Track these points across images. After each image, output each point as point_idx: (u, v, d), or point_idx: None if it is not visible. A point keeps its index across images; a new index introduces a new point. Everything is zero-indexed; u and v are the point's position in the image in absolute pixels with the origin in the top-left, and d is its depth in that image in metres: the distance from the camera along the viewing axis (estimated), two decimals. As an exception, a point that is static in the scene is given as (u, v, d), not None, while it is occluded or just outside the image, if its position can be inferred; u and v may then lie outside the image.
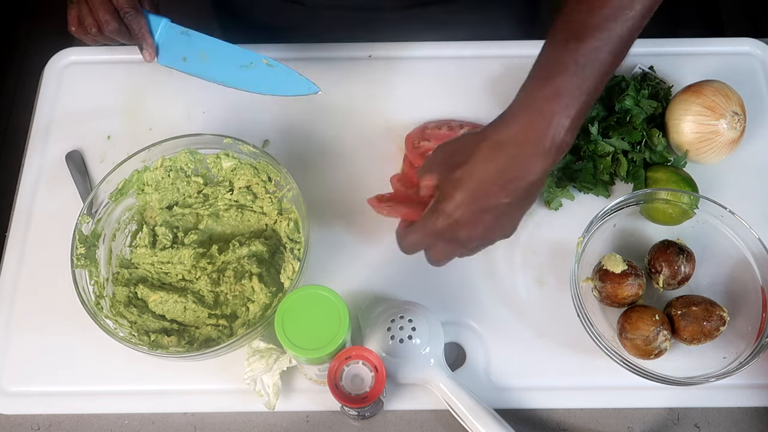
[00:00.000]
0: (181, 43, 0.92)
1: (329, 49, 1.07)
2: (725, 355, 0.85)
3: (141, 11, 0.90)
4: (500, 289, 0.92)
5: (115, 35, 0.91)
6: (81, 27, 0.91)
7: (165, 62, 0.93)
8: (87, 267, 0.86)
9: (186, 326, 0.88)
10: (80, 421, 0.87)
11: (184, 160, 0.93)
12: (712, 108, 0.93)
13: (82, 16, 0.90)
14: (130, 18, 0.89)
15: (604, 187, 0.96)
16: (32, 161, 1.01)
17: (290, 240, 0.90)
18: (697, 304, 0.85)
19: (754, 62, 1.06)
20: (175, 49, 0.93)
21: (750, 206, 0.93)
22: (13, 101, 2.04)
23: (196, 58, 0.92)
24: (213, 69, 0.92)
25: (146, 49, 0.92)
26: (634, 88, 0.97)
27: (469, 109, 1.03)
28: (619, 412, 0.87)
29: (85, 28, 0.90)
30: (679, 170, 0.94)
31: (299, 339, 0.75)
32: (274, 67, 0.91)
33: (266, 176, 0.93)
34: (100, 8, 0.89)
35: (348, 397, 0.76)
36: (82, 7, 0.90)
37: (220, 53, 0.92)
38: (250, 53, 0.91)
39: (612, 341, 0.86)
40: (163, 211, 0.93)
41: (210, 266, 0.90)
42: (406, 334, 0.85)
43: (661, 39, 1.08)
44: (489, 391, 0.86)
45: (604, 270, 0.87)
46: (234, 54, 0.92)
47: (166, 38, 0.93)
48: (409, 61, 1.07)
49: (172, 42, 0.93)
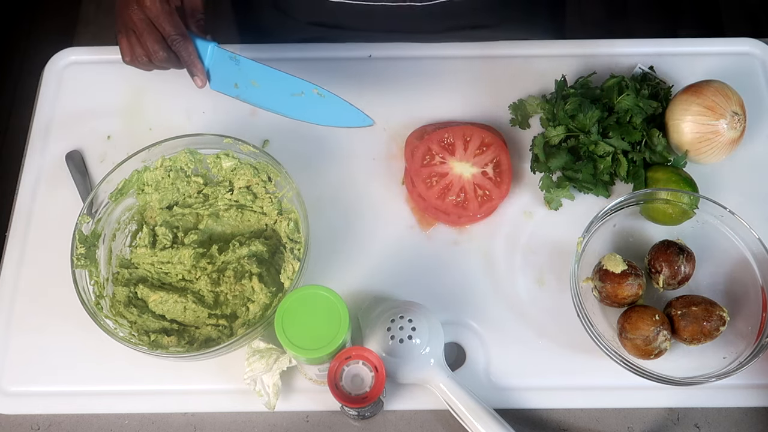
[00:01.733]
0: (230, 68, 0.92)
1: (329, 49, 1.07)
2: (725, 355, 0.85)
3: (188, 37, 0.89)
4: (500, 289, 0.92)
5: (166, 63, 0.90)
6: (133, 56, 0.90)
7: (217, 88, 0.93)
8: (87, 267, 0.86)
9: (186, 326, 0.88)
10: (80, 421, 0.87)
11: (184, 160, 0.93)
12: (712, 108, 0.93)
13: (132, 45, 0.89)
14: (178, 45, 0.89)
15: (604, 187, 0.96)
16: (32, 161, 1.01)
17: (290, 240, 0.90)
18: (697, 304, 0.85)
19: (754, 62, 1.06)
20: (225, 75, 0.92)
21: (750, 206, 0.93)
22: (13, 101, 2.04)
23: (248, 85, 0.92)
24: (266, 97, 0.92)
25: (197, 75, 0.91)
26: (634, 88, 0.97)
27: (469, 110, 1.03)
28: (619, 412, 0.87)
29: (136, 57, 0.90)
30: (679, 170, 0.94)
31: (299, 339, 0.75)
32: (325, 97, 0.91)
33: (266, 176, 0.94)
34: (148, 38, 0.88)
35: (348, 397, 0.76)
36: (131, 36, 0.89)
37: (271, 81, 0.91)
38: (301, 81, 0.91)
39: (612, 341, 0.86)
40: (163, 211, 0.93)
41: (210, 266, 0.90)
42: (406, 334, 0.85)
43: (661, 39, 1.08)
44: (489, 391, 0.86)
45: (604, 270, 0.87)
46: (284, 82, 0.91)
47: (216, 63, 0.92)
48: (409, 61, 1.07)
49: (221, 67, 0.92)
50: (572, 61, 1.05)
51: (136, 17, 0.88)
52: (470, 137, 0.97)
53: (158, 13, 0.87)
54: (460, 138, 0.96)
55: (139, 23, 0.88)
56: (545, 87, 1.03)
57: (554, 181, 0.96)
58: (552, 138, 0.96)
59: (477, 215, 0.95)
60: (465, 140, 0.96)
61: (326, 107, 0.91)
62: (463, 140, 0.96)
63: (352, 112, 0.91)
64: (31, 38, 2.14)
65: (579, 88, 0.99)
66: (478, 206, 0.94)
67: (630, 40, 1.08)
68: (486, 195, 0.94)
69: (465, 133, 0.97)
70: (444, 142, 0.96)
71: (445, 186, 0.94)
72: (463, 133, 0.97)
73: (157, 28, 0.88)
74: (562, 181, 0.96)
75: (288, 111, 0.91)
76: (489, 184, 0.94)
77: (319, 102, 0.91)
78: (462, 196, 0.94)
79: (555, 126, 0.96)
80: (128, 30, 0.89)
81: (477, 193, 0.94)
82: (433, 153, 0.96)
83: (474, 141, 0.96)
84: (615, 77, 0.99)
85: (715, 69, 1.04)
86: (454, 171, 0.95)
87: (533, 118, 1.02)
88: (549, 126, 0.97)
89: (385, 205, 0.97)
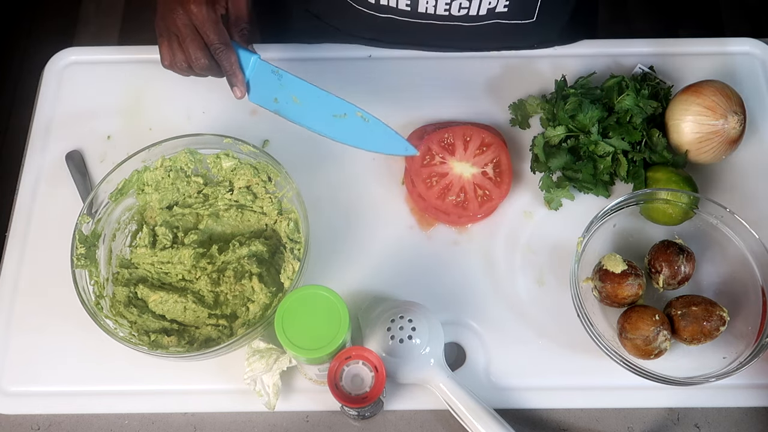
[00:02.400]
0: (271, 82, 0.90)
1: (329, 49, 1.07)
2: (725, 355, 0.85)
3: (231, 46, 0.88)
4: (500, 289, 0.92)
5: (205, 71, 0.89)
6: (173, 61, 0.90)
7: (256, 100, 0.91)
8: (87, 267, 0.86)
9: (186, 326, 0.88)
10: (80, 421, 0.87)
11: (184, 160, 0.93)
12: (712, 108, 0.93)
13: (173, 50, 0.89)
14: (221, 54, 0.88)
15: (604, 187, 0.96)
16: (32, 161, 1.01)
17: (290, 240, 0.90)
18: (697, 304, 0.85)
19: (754, 62, 1.06)
20: (265, 88, 0.90)
21: (750, 206, 0.93)
22: (13, 101, 2.04)
23: (288, 101, 0.90)
24: (307, 115, 0.90)
25: (237, 85, 0.90)
26: (634, 88, 0.97)
27: (469, 110, 1.03)
28: (619, 412, 0.87)
29: (176, 62, 0.89)
30: (679, 170, 0.94)
31: (299, 339, 0.75)
32: (368, 121, 0.89)
33: (266, 176, 0.94)
34: (191, 44, 0.87)
35: (348, 397, 0.76)
36: (173, 41, 0.89)
37: (313, 99, 0.89)
38: (344, 103, 0.89)
39: (612, 341, 0.86)
40: (163, 211, 0.93)
41: (210, 266, 0.90)
42: (406, 334, 0.85)
43: (661, 39, 1.08)
44: (489, 391, 0.86)
45: (604, 270, 0.87)
46: (327, 101, 0.89)
47: (257, 75, 0.90)
48: (409, 61, 1.07)
49: (262, 80, 0.90)
50: (572, 61, 1.05)
51: (181, 22, 0.87)
52: (470, 137, 0.97)
53: (204, 19, 0.87)
54: (460, 138, 0.96)
55: (183, 28, 0.87)
56: (545, 87, 1.03)
57: (554, 181, 0.96)
58: (552, 138, 0.96)
59: (477, 215, 0.95)
60: (465, 140, 0.96)
61: (369, 132, 0.89)
62: (463, 140, 0.96)
63: (395, 139, 0.90)
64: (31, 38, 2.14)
65: (579, 88, 0.99)
66: (478, 206, 0.94)
67: (630, 40, 1.08)
68: (486, 195, 0.94)
69: (465, 133, 0.97)
70: (444, 142, 0.96)
71: (445, 186, 0.94)
72: (463, 133, 0.97)
73: (201, 34, 0.88)
74: (562, 181, 0.96)
75: (328, 131, 0.90)
76: (489, 184, 0.94)
77: (362, 126, 0.89)
78: (462, 196, 0.94)
79: (555, 126, 0.96)
80: (171, 34, 0.88)
81: (477, 193, 0.94)
82: (433, 153, 0.96)
83: (474, 141, 0.96)
84: (615, 77, 0.99)
85: (715, 69, 1.04)
86: (454, 171, 0.95)
87: (533, 118, 1.02)
88: (549, 126, 0.97)
89: (385, 205, 0.97)
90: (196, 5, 0.86)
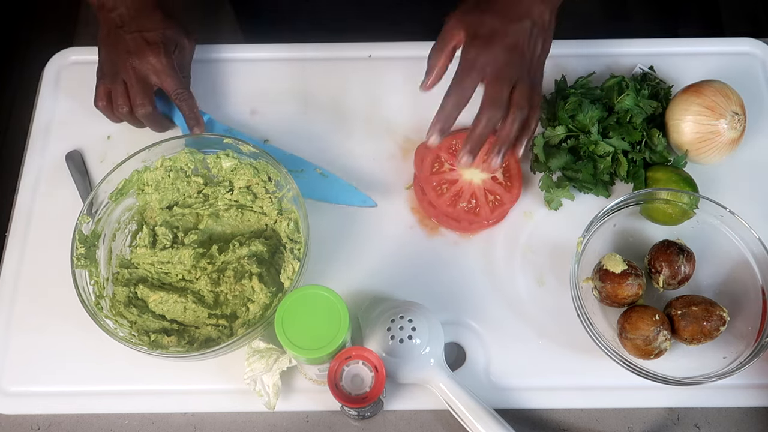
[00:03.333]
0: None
1: (329, 49, 1.07)
2: (725, 355, 0.85)
3: (191, 92, 0.91)
4: (500, 289, 0.92)
5: (145, 119, 0.91)
6: (109, 104, 0.90)
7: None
8: (87, 267, 0.86)
9: (186, 326, 0.88)
10: (80, 421, 0.87)
11: (184, 160, 0.93)
12: (712, 108, 0.93)
13: (115, 93, 0.89)
14: (182, 99, 0.90)
15: (604, 187, 0.96)
16: (32, 161, 1.01)
17: (290, 240, 0.90)
18: (697, 304, 0.85)
19: (754, 62, 1.06)
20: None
21: (750, 206, 0.93)
22: (13, 101, 2.04)
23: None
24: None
25: (197, 126, 0.93)
26: (634, 88, 0.97)
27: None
28: (619, 412, 0.87)
29: (116, 106, 0.90)
30: (679, 170, 0.94)
31: (299, 339, 0.75)
32: (327, 177, 0.93)
33: (266, 176, 0.93)
34: (140, 91, 0.88)
35: (348, 397, 0.76)
36: (117, 85, 0.89)
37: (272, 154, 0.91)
38: (301, 160, 0.92)
39: (612, 341, 0.86)
40: (163, 211, 0.93)
41: (210, 266, 0.90)
42: (406, 334, 0.85)
43: (661, 39, 1.08)
44: (489, 391, 0.86)
45: (604, 270, 0.87)
46: (283, 159, 0.92)
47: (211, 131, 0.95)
48: (409, 61, 1.06)
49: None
50: (572, 61, 1.05)
51: (134, 70, 0.88)
52: None
53: (163, 68, 0.88)
54: None
55: (134, 75, 0.89)
56: (545, 87, 1.03)
57: (554, 181, 0.96)
58: (552, 138, 0.96)
59: (489, 221, 0.94)
60: None
61: (328, 186, 0.94)
62: None
63: (353, 193, 0.94)
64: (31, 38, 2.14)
65: (579, 88, 0.99)
66: (489, 212, 0.93)
67: (630, 40, 1.08)
68: (497, 200, 0.94)
69: None
70: (452, 149, 0.96)
71: (456, 193, 0.94)
72: None
73: (157, 83, 0.89)
74: (562, 181, 0.96)
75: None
76: (500, 189, 0.94)
77: (321, 181, 0.94)
78: (473, 203, 0.94)
79: (555, 126, 0.96)
80: (118, 79, 0.90)
81: (488, 198, 0.94)
82: (441, 160, 0.96)
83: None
84: (615, 77, 0.99)
85: (715, 69, 1.04)
86: (464, 177, 0.95)
87: (533, 118, 1.02)
88: (549, 126, 0.97)
89: (385, 205, 0.97)
90: (155, 55, 0.88)
